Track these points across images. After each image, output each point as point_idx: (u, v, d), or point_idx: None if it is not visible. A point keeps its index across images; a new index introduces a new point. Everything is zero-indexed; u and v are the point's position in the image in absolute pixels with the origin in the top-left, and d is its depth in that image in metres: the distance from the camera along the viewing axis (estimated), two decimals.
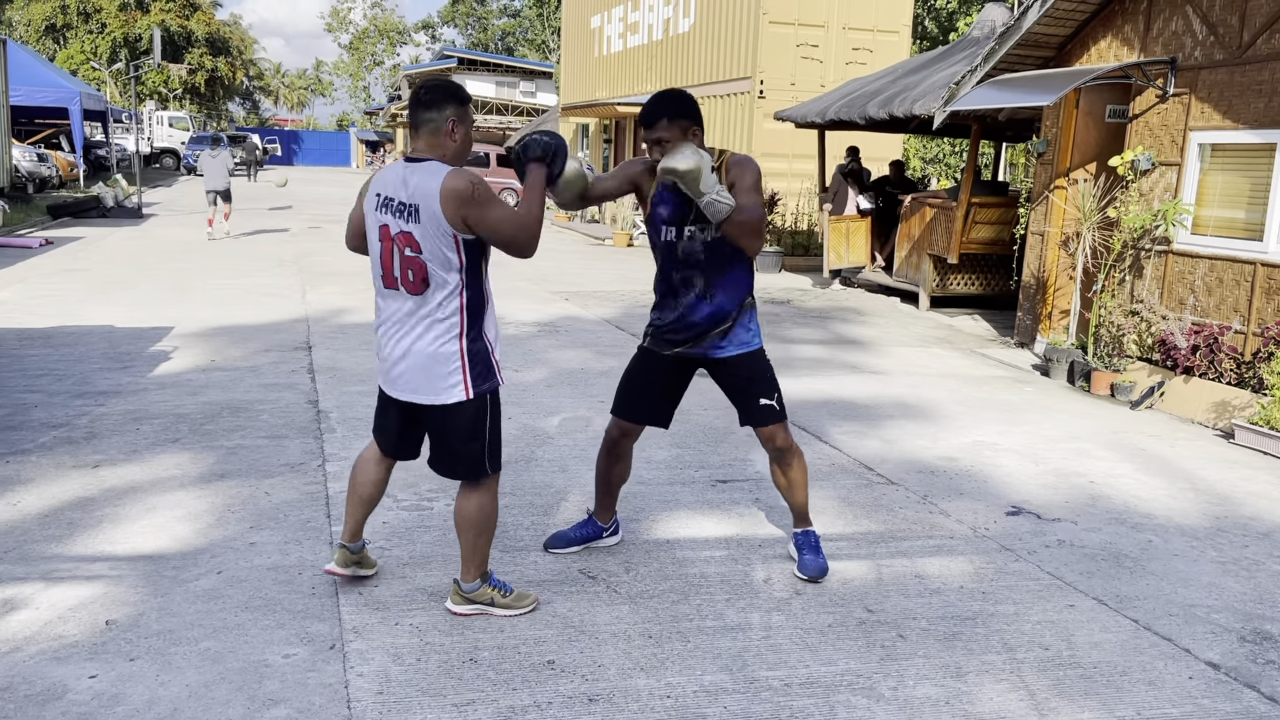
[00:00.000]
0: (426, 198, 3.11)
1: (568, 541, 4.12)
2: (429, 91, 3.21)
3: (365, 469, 3.59)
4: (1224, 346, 7.06)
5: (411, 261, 3.19)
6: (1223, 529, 4.83)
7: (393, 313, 3.29)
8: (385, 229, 3.23)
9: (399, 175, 3.20)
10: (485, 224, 3.16)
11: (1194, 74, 7.69)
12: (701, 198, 3.48)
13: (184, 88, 56.71)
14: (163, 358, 7.34)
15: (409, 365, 3.27)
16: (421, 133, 3.22)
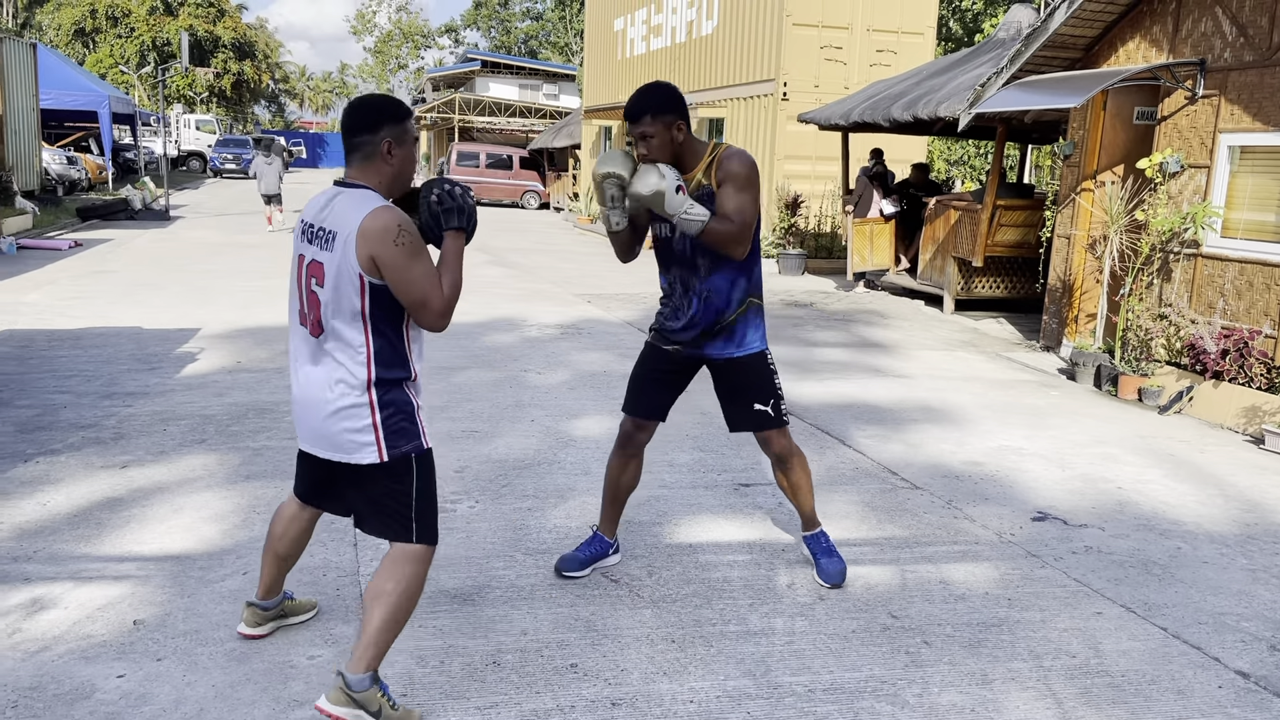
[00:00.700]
0: (344, 227, 2.71)
1: (579, 564, 3.93)
2: (359, 111, 2.82)
3: (282, 521, 3.21)
4: (1254, 351, 6.97)
5: (316, 298, 2.78)
6: (1253, 536, 4.77)
7: (296, 351, 2.92)
8: (300, 259, 2.83)
9: (324, 199, 2.84)
10: (397, 276, 2.70)
11: (1223, 75, 7.60)
12: (671, 218, 3.47)
13: (210, 91, 57.24)
14: (189, 359, 7.40)
15: (315, 415, 2.85)
16: (354, 157, 2.82)
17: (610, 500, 3.98)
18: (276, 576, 3.28)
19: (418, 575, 2.87)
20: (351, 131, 2.81)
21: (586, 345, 8.65)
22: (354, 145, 2.82)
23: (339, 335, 2.78)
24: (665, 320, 3.81)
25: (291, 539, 3.23)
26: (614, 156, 3.56)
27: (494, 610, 3.60)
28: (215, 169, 40.21)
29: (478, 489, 4.86)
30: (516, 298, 11.38)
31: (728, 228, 3.50)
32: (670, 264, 3.75)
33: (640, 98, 3.55)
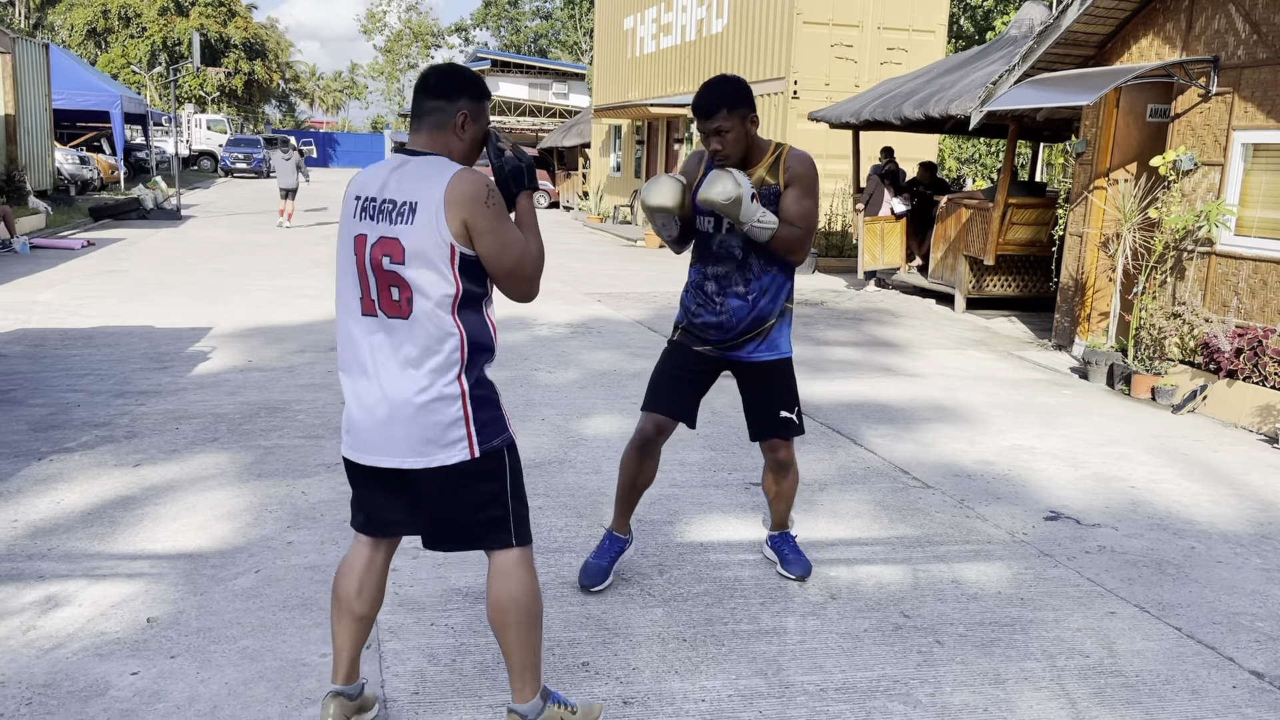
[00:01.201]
0: (426, 194, 2.45)
1: (603, 573, 3.79)
2: (440, 77, 2.59)
3: (351, 576, 2.71)
4: (1269, 350, 6.93)
5: (394, 278, 2.47)
6: (1267, 535, 4.74)
7: (357, 345, 2.54)
8: (361, 240, 2.51)
9: (385, 171, 2.55)
10: (492, 241, 2.48)
11: (1237, 73, 7.56)
12: (742, 225, 3.37)
13: (221, 91, 57.44)
14: (201, 358, 7.43)
15: (391, 416, 2.50)
16: (424, 124, 2.57)
17: (624, 498, 3.84)
18: (356, 647, 2.76)
19: (533, 578, 2.65)
20: (426, 95, 2.57)
21: (596, 344, 8.65)
22: (426, 110, 2.57)
23: (427, 316, 2.47)
24: (695, 318, 3.65)
25: (371, 593, 2.72)
26: (663, 187, 3.41)
27: None
28: (226, 168, 40.37)
29: None
30: None
31: (796, 234, 3.44)
32: (710, 260, 3.60)
33: (714, 91, 3.38)
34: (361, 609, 2.72)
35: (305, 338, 8.36)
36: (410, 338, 2.48)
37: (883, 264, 13.37)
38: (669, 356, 3.78)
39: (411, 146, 2.60)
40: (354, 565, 2.73)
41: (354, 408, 2.57)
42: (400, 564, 3.93)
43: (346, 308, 2.57)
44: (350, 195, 2.58)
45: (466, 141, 2.61)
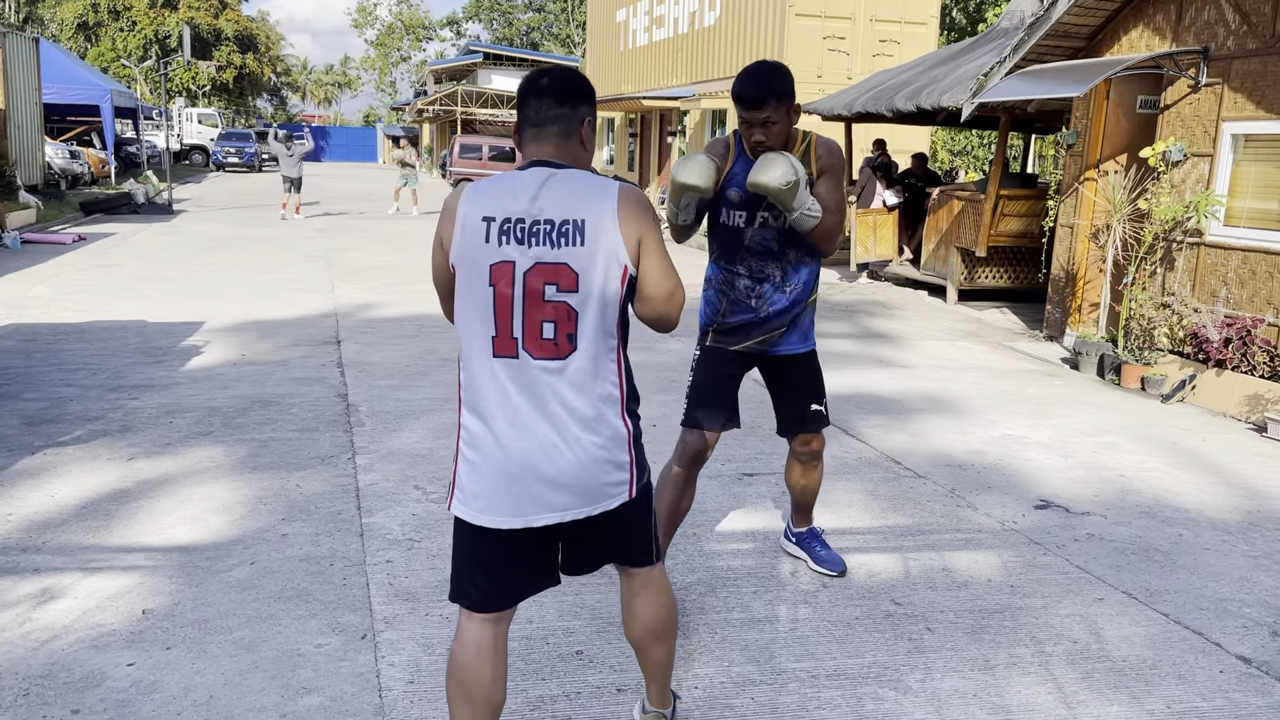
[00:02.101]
0: (595, 210, 2.19)
1: None
2: (562, 82, 2.32)
3: (482, 664, 2.33)
4: (1257, 339, 6.98)
5: (557, 310, 2.17)
6: (1255, 523, 4.78)
7: (517, 391, 2.20)
8: (504, 268, 2.17)
9: (530, 185, 2.22)
10: (657, 259, 2.25)
11: (1227, 64, 7.59)
12: (792, 213, 3.27)
13: (212, 85, 57.25)
14: (194, 352, 7.43)
15: (555, 468, 2.21)
16: (549, 133, 2.30)
17: (668, 528, 3.60)
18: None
19: (672, 591, 2.59)
20: (549, 102, 2.30)
21: None
22: (552, 118, 2.30)
23: (592, 351, 2.21)
24: (729, 318, 3.53)
25: (500, 676, 2.36)
26: (698, 166, 3.24)
27: None
28: (218, 163, 40.26)
29: None
30: None
31: (835, 222, 3.37)
32: (740, 256, 3.46)
33: (762, 81, 3.24)
34: (499, 696, 2.36)
35: (299, 331, 8.36)
36: (570, 381, 2.21)
37: (875, 256, 13.40)
38: (708, 365, 3.59)
39: (541, 157, 2.30)
40: (482, 649, 2.33)
41: (496, 462, 2.22)
42: (394, 556, 3.96)
43: (480, 349, 2.22)
44: (474, 216, 2.21)
45: (589, 151, 2.40)
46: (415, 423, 5.79)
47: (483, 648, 2.34)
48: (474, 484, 2.25)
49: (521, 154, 2.36)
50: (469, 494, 2.26)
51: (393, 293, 10.67)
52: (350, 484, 4.76)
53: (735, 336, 3.55)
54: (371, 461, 5.08)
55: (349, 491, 4.66)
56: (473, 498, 2.25)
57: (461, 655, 2.34)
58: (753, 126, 3.28)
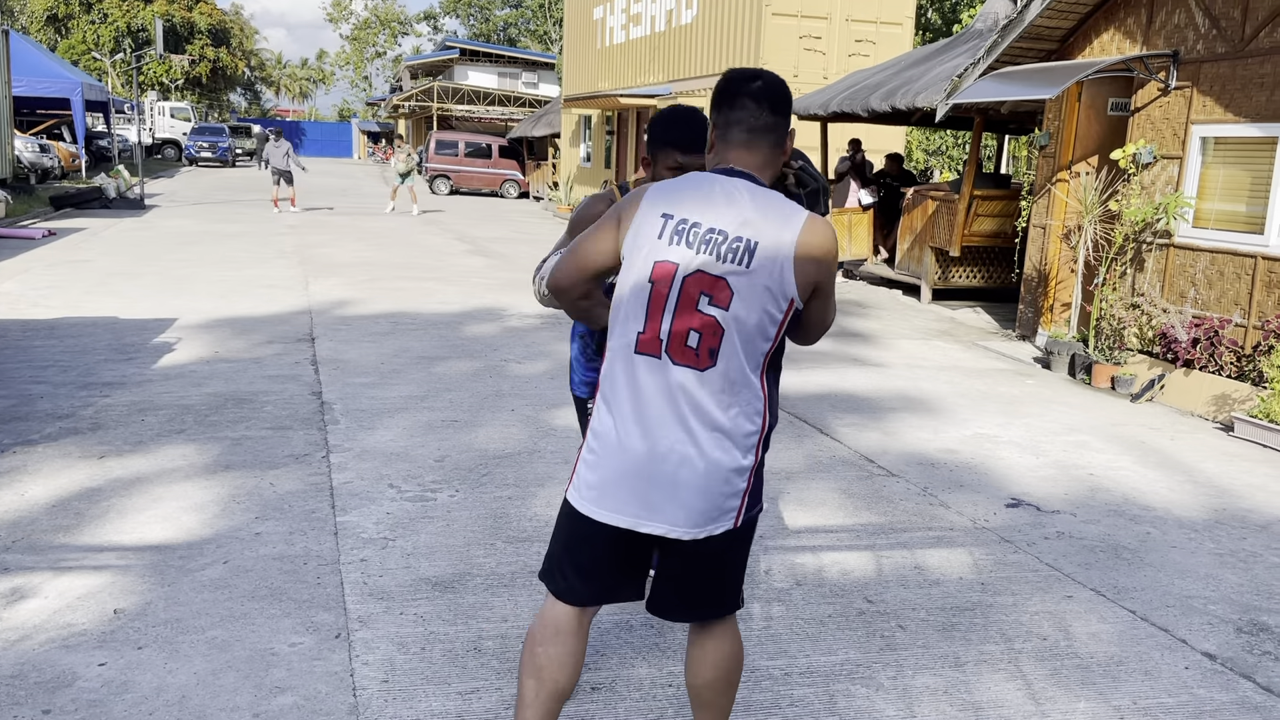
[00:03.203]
0: (772, 238, 2.11)
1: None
2: (778, 88, 2.19)
3: (556, 645, 2.29)
4: (1224, 340, 7.08)
5: (705, 322, 2.11)
6: (1221, 521, 4.86)
7: (654, 392, 2.14)
8: (667, 268, 2.12)
9: (710, 193, 2.14)
10: (826, 298, 2.23)
11: (1196, 67, 7.69)
12: None
13: (186, 78, 56.70)
14: (166, 349, 7.37)
15: (676, 477, 2.14)
16: (758, 142, 2.19)
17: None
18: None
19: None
20: (768, 109, 2.18)
21: (566, 335, 8.66)
22: (765, 127, 2.18)
23: (734, 373, 2.14)
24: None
25: (575, 663, 2.31)
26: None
27: (475, 598, 3.63)
28: (191, 157, 39.86)
29: (458, 478, 4.89)
30: (497, 287, 11.38)
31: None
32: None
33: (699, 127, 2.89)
34: (567, 682, 2.30)
35: (273, 329, 8.31)
36: (707, 394, 2.13)
37: (850, 255, 13.47)
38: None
39: (741, 166, 2.19)
40: (560, 632, 2.28)
41: (618, 459, 2.16)
42: (369, 554, 3.95)
43: (624, 343, 2.17)
44: (654, 210, 2.15)
45: (780, 165, 2.30)
46: (390, 421, 5.78)
47: (560, 630, 2.29)
48: (591, 474, 2.20)
49: (715, 154, 2.25)
50: (584, 482, 2.22)
51: (368, 289, 10.63)
52: (324, 482, 4.75)
53: None
54: (346, 460, 5.07)
55: (323, 490, 4.65)
56: (586, 487, 2.21)
57: (540, 632, 2.30)
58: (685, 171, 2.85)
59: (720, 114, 2.22)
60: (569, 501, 2.27)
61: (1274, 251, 7.04)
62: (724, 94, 2.22)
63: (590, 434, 2.24)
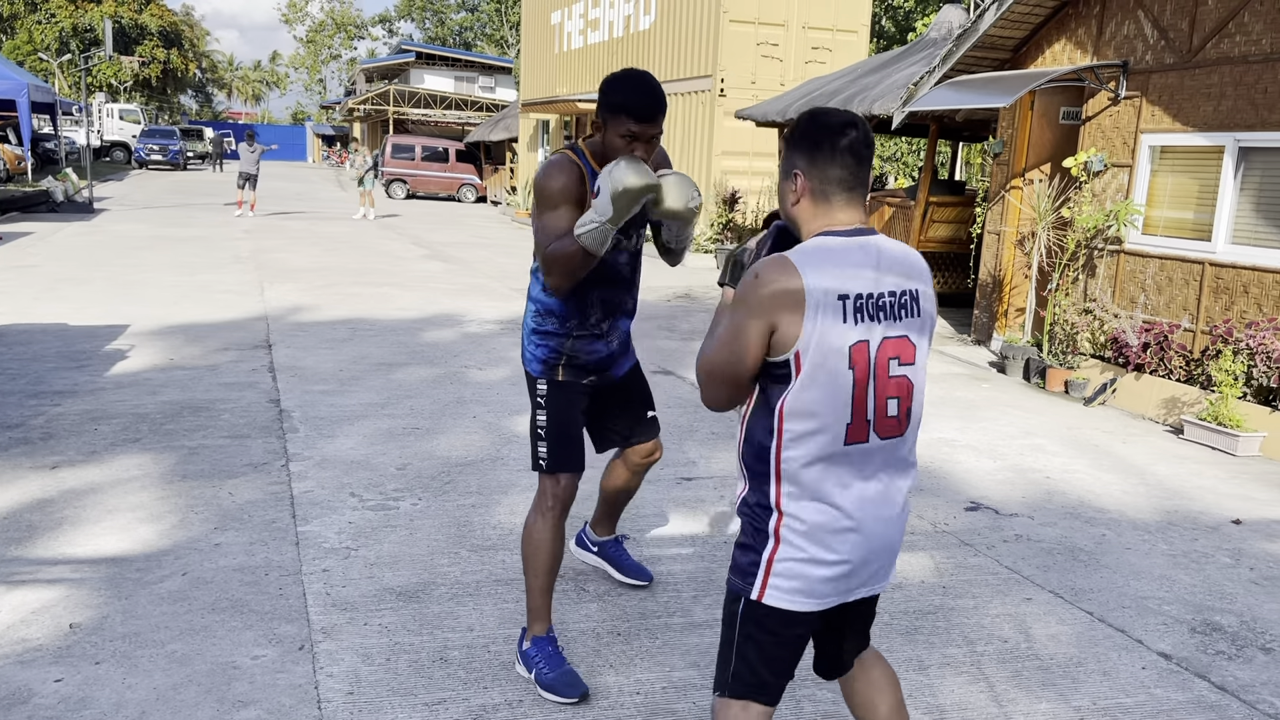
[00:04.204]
0: (920, 278, 2.13)
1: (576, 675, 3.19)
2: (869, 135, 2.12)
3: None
4: (1174, 344, 7.23)
5: (900, 385, 2.08)
6: (1173, 523, 4.96)
7: (867, 475, 2.09)
8: (861, 349, 2.02)
9: (866, 256, 2.06)
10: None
11: (1145, 77, 7.86)
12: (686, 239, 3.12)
13: (135, 80, 55.75)
14: (119, 356, 7.24)
15: (888, 544, 2.15)
16: (859, 196, 2.11)
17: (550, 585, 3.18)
18: None
19: None
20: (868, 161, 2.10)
21: None
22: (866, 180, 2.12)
23: (917, 422, 2.15)
24: (582, 351, 3.18)
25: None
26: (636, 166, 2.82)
27: (440, 607, 3.60)
28: (140, 160, 39.17)
29: (420, 486, 4.85)
30: (455, 293, 11.32)
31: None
32: (600, 284, 3.13)
33: (658, 95, 2.95)
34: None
35: (228, 335, 8.20)
36: (903, 455, 2.14)
37: None
38: (567, 401, 3.20)
39: (858, 223, 2.11)
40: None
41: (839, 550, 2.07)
42: (331, 564, 3.91)
43: (830, 438, 2.03)
44: (829, 294, 2.00)
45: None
46: (350, 428, 5.72)
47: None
48: (817, 573, 2.07)
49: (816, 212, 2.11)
50: (804, 583, 2.07)
51: (324, 295, 10.51)
52: (284, 491, 4.69)
53: (586, 371, 3.22)
54: (306, 468, 5.01)
55: (283, 499, 4.59)
56: (811, 587, 2.08)
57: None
58: (638, 141, 2.92)
59: (817, 167, 2.08)
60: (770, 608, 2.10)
61: (1221, 258, 7.21)
62: (827, 144, 2.08)
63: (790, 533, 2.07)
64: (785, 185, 2.15)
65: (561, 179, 2.98)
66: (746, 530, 2.14)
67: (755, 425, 2.11)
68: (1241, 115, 7.08)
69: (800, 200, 2.12)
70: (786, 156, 2.14)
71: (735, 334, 2.04)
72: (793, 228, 2.17)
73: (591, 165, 3.03)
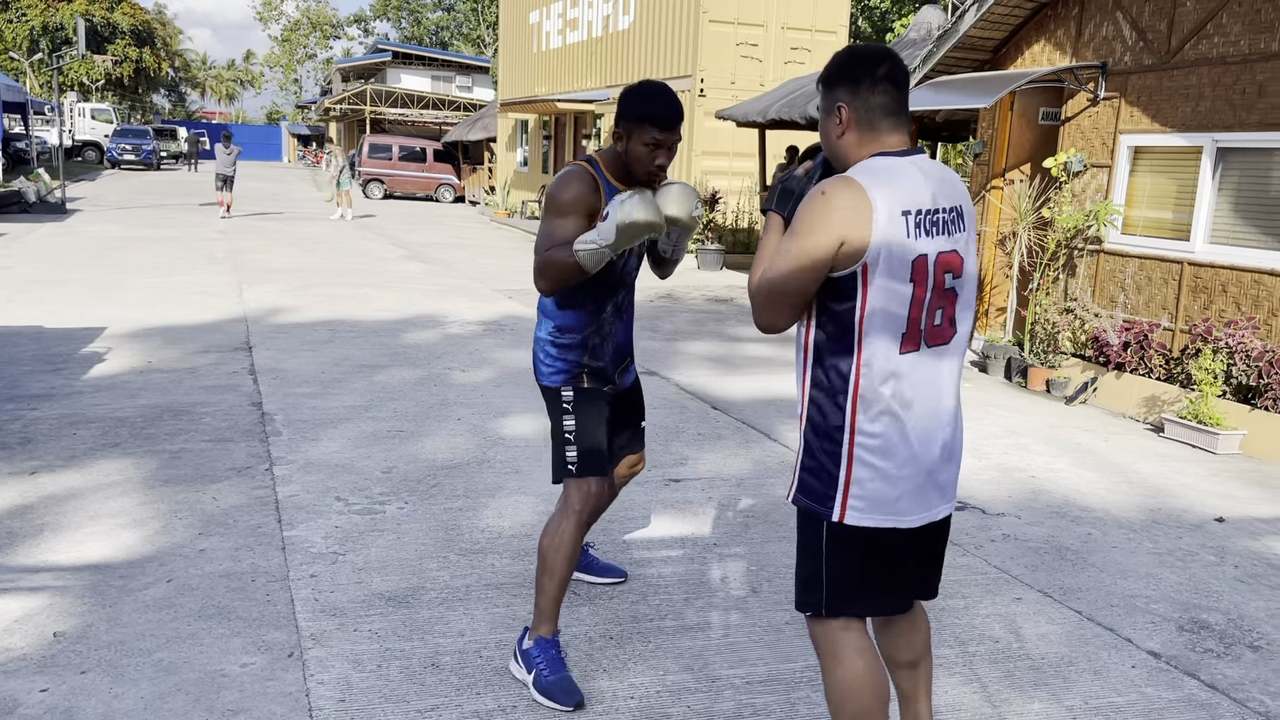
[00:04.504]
0: (962, 196, 2.27)
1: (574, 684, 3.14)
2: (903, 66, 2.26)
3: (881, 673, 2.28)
4: (1153, 343, 7.29)
5: (946, 296, 2.20)
6: (1157, 521, 5.00)
7: (922, 383, 2.19)
8: (922, 262, 2.14)
9: (921, 176, 2.18)
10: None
11: (1124, 78, 7.92)
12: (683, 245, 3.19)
13: (107, 79, 55.15)
14: (96, 359, 7.15)
15: (953, 456, 2.29)
16: (904, 120, 2.24)
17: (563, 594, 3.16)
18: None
19: None
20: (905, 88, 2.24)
21: (510, 342, 8.60)
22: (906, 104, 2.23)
23: (964, 335, 2.27)
24: (596, 358, 3.22)
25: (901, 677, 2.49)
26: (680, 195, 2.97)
27: (430, 612, 3.57)
28: (113, 160, 38.77)
29: (406, 489, 4.81)
30: (436, 294, 11.26)
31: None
32: (610, 289, 3.19)
33: (677, 104, 3.06)
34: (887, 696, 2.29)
35: (207, 337, 8.11)
36: (954, 364, 2.25)
37: None
38: (595, 407, 3.22)
39: (906, 146, 2.24)
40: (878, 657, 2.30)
41: (909, 463, 2.18)
42: (319, 569, 3.87)
43: (888, 347, 2.14)
44: (894, 210, 2.10)
45: None
46: (334, 431, 5.67)
47: (876, 660, 2.29)
48: (885, 488, 2.17)
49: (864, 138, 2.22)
50: (879, 499, 2.17)
51: (304, 296, 10.43)
52: (269, 496, 4.64)
53: (604, 378, 3.26)
54: (290, 472, 4.96)
55: (268, 504, 4.54)
56: (889, 502, 2.18)
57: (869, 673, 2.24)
58: (659, 149, 3.03)
59: (860, 98, 2.20)
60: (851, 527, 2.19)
61: (1199, 257, 7.28)
62: (867, 76, 2.20)
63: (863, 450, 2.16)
64: (829, 121, 2.26)
65: (577, 189, 3.05)
66: (814, 452, 2.23)
67: (822, 345, 2.21)
68: (1219, 116, 7.15)
69: (846, 132, 2.23)
70: (826, 94, 2.26)
71: (804, 250, 2.11)
72: (838, 161, 2.27)
73: (606, 177, 3.11)
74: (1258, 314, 6.81)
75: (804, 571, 2.30)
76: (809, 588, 2.28)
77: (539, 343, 3.23)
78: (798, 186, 2.33)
